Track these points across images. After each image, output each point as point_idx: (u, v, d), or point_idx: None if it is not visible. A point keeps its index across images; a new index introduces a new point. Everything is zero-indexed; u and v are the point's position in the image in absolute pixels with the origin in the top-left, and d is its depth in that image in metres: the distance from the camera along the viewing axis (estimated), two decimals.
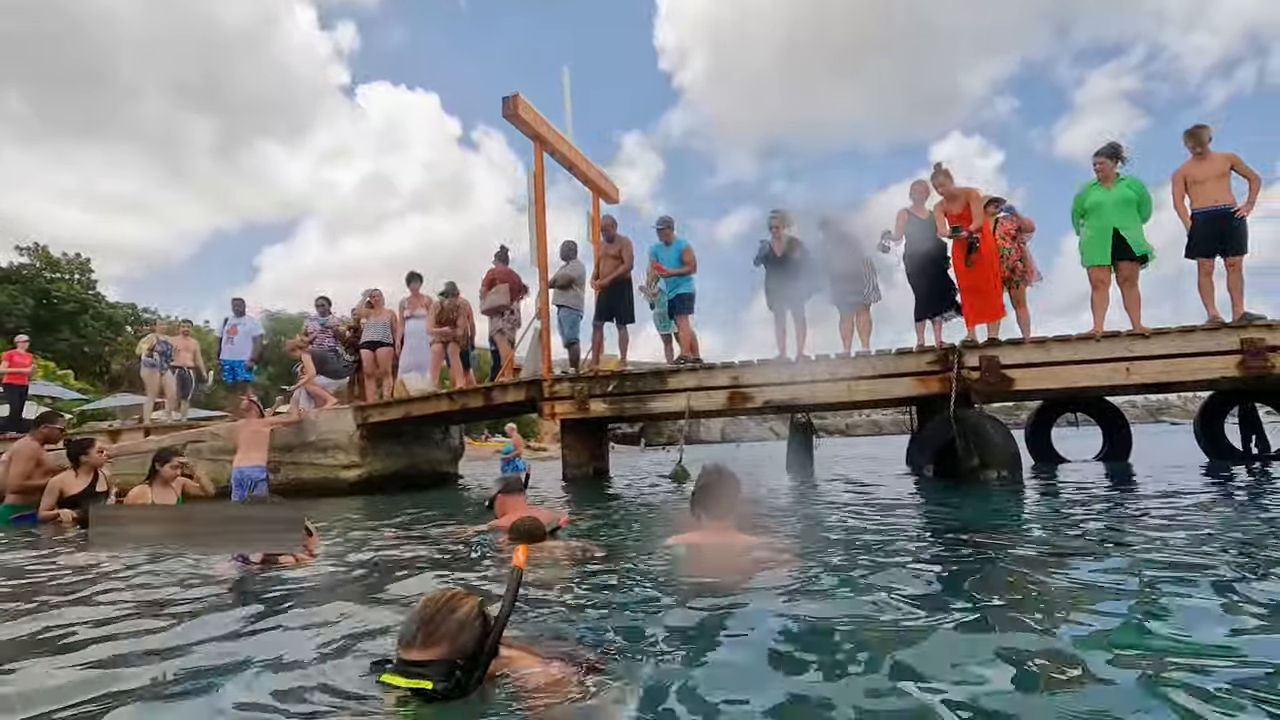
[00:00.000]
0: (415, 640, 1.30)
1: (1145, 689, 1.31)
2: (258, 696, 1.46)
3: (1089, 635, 1.65)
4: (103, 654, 1.81)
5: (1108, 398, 8.37)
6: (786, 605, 2.01)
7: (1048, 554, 2.74)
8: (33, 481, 5.76)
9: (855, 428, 56.79)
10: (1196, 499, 4.19)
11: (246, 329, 10.26)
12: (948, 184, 6.72)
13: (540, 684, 1.38)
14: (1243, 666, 1.42)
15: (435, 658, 1.28)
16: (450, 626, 1.31)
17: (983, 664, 1.46)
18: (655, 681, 1.47)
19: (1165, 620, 1.73)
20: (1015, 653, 1.52)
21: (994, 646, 1.55)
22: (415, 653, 1.29)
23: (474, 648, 1.31)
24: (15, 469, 5.83)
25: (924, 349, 6.79)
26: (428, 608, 1.35)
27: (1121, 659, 1.46)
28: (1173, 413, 44.45)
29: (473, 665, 1.30)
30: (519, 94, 7.67)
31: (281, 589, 2.57)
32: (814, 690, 1.39)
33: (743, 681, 1.47)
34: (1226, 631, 1.65)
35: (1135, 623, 1.73)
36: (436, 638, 1.30)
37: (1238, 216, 5.96)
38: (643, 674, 1.52)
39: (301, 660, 1.68)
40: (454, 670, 1.28)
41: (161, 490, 4.95)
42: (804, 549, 2.91)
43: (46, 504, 5.39)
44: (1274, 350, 5.88)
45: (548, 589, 2.39)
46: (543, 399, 7.88)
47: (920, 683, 1.38)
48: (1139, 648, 1.55)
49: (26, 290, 32.05)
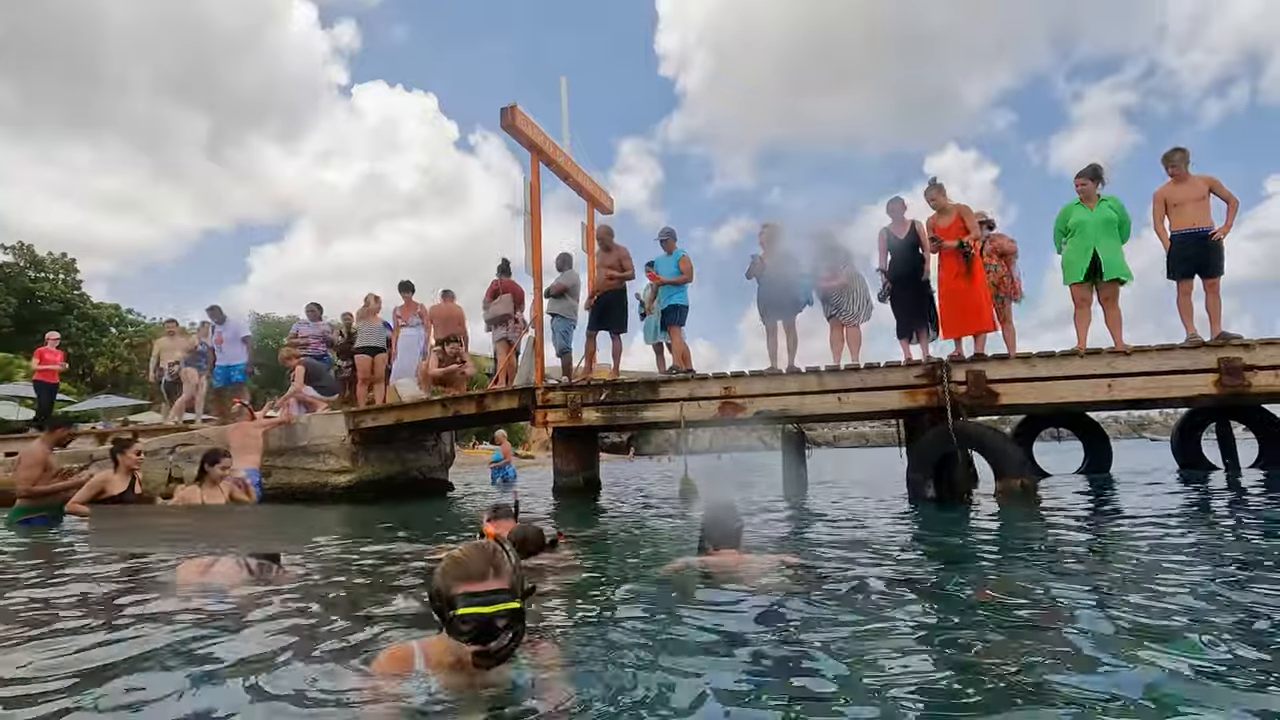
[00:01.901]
0: (489, 573, 1.50)
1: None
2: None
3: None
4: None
5: (1089, 413, 8.55)
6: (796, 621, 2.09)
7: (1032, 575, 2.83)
8: (40, 487, 5.93)
9: (842, 439, 57.13)
10: (1168, 508, 4.32)
11: (232, 332, 10.16)
12: (940, 199, 6.87)
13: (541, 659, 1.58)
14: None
15: (507, 585, 1.49)
16: (509, 563, 1.54)
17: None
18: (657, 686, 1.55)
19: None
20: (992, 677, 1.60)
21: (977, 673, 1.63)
22: (491, 583, 1.49)
23: (521, 585, 1.53)
24: (23, 474, 6.01)
25: (912, 363, 6.91)
26: (484, 550, 1.56)
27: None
28: (1154, 428, 45.11)
29: (528, 593, 1.53)
30: (517, 105, 7.77)
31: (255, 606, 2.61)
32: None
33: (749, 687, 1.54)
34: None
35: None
36: (504, 571, 1.52)
37: (1214, 239, 6.14)
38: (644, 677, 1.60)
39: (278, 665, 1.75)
40: (524, 592, 1.51)
41: (210, 491, 5.00)
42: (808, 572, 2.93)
43: (82, 497, 5.23)
44: (1250, 369, 6.05)
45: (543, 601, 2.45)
46: (535, 407, 7.93)
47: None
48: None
49: (10, 289, 31.69)
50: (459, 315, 9.67)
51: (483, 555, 1.53)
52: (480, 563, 1.51)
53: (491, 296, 9.06)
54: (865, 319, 7.33)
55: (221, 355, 9.98)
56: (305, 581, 3.12)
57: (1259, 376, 6.02)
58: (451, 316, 9.59)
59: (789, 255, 7.64)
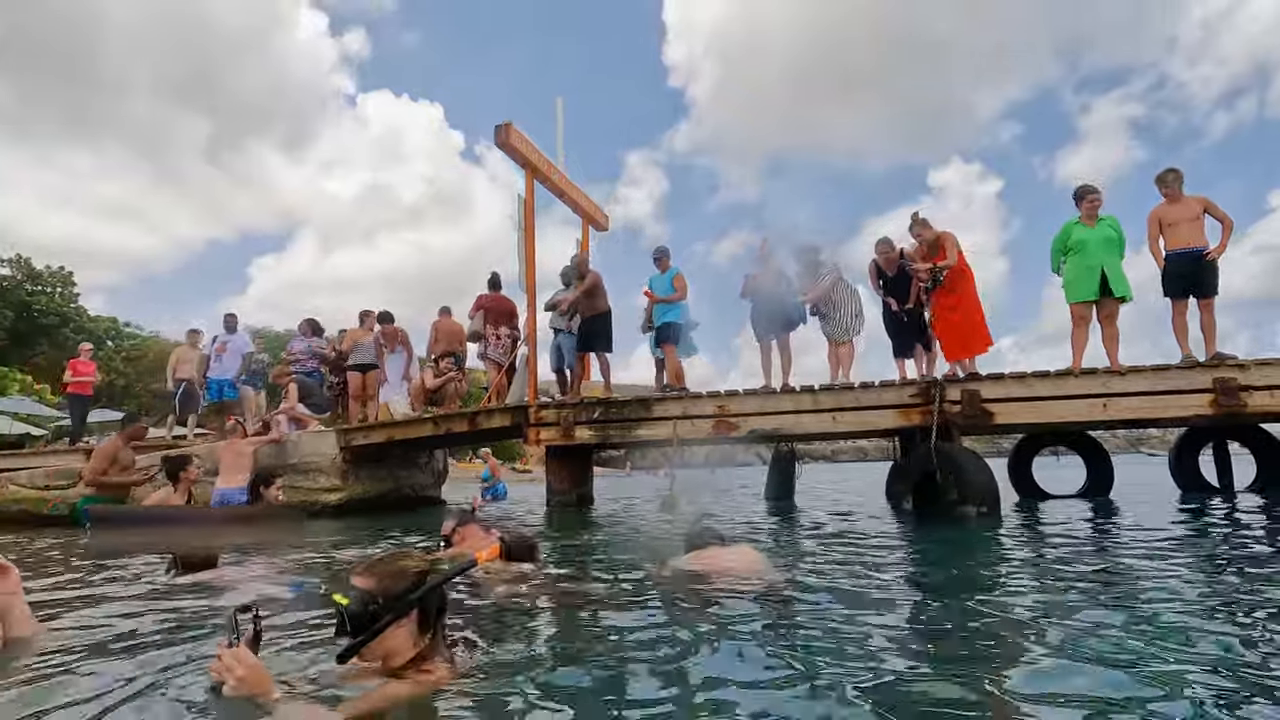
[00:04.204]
0: (358, 569, 1.53)
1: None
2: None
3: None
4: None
5: (1088, 433, 8.49)
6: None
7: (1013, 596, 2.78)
8: (107, 478, 6.42)
9: (841, 453, 57.01)
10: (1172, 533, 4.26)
11: (236, 346, 10.01)
12: (925, 232, 6.90)
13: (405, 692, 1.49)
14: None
15: (364, 588, 1.47)
16: (388, 569, 1.51)
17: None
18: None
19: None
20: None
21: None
22: (354, 579, 1.50)
23: (396, 596, 1.46)
24: (93, 463, 6.62)
25: (906, 382, 6.88)
26: (386, 553, 1.58)
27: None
28: (1151, 443, 45.08)
29: (386, 609, 1.45)
30: (511, 123, 7.78)
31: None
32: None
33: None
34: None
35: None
36: (373, 573, 1.50)
37: (1208, 259, 6.14)
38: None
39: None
40: (370, 603, 1.44)
41: (181, 494, 5.03)
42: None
43: None
44: (1246, 389, 6.02)
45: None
46: (528, 424, 7.87)
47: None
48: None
49: (6, 302, 31.65)
50: (458, 331, 9.62)
51: (378, 557, 1.57)
52: (369, 561, 1.56)
53: (474, 311, 9.07)
54: (856, 334, 7.33)
55: (219, 365, 9.87)
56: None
57: (1254, 396, 5.99)
58: (451, 333, 9.55)
59: (781, 272, 7.65)
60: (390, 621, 1.45)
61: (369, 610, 1.43)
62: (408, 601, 1.47)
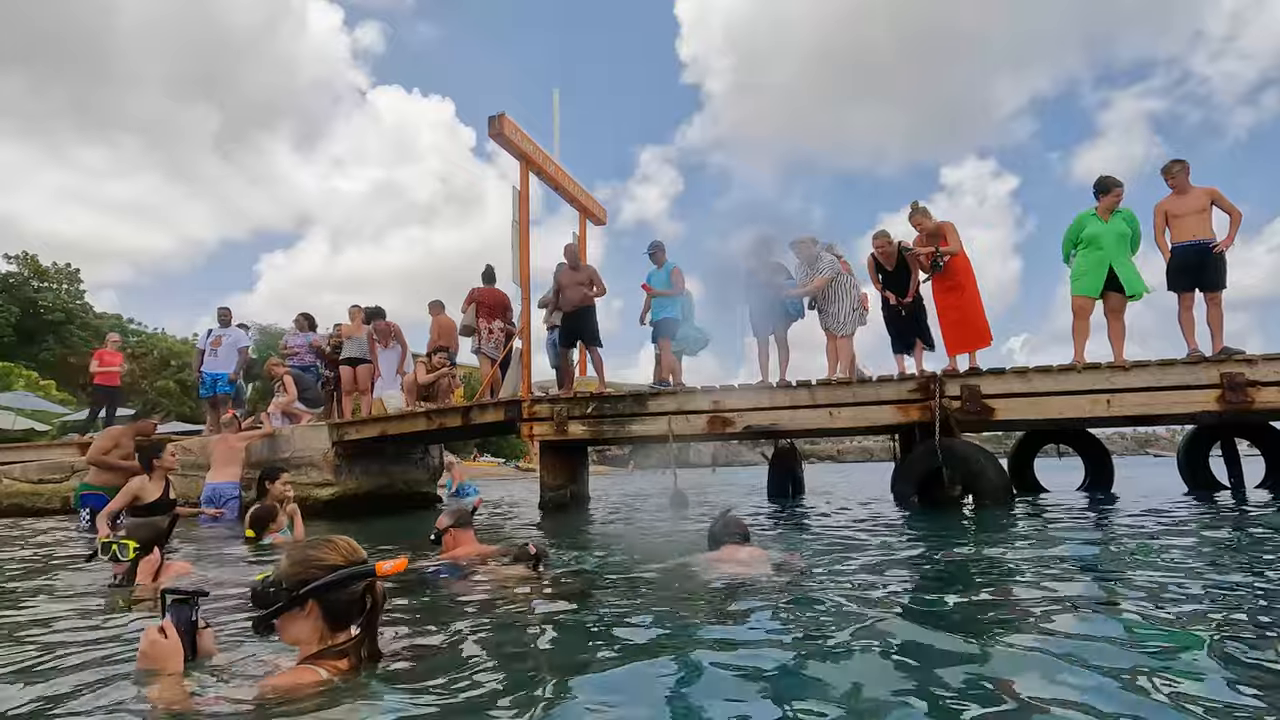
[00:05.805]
0: (289, 549, 1.54)
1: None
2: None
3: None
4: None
5: (1089, 430, 8.33)
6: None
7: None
8: (107, 459, 6.22)
9: (846, 453, 56.75)
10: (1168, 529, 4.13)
11: (231, 340, 9.92)
12: (925, 222, 6.75)
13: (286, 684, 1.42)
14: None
15: (277, 570, 1.46)
16: (299, 557, 1.47)
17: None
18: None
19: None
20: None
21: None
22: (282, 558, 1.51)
23: (293, 583, 1.42)
24: (98, 441, 6.46)
25: (905, 377, 6.75)
26: (313, 539, 1.54)
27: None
28: (1159, 444, 44.68)
29: (279, 595, 1.41)
30: (505, 114, 7.67)
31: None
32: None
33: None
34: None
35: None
36: (290, 557, 1.48)
37: (1216, 252, 5.97)
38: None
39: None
40: (270, 586, 1.43)
41: (157, 483, 4.95)
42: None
43: (118, 504, 4.98)
44: (1254, 385, 5.85)
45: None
46: (521, 419, 7.76)
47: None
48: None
49: (13, 299, 31.81)
50: (450, 326, 9.55)
51: (306, 542, 1.56)
52: (302, 543, 1.57)
53: (466, 305, 8.98)
54: (854, 329, 7.18)
55: (214, 360, 9.77)
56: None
57: (1262, 392, 5.82)
58: (444, 328, 9.48)
59: (779, 265, 7.52)
60: (282, 609, 1.41)
61: (268, 592, 1.42)
62: (298, 595, 1.42)
